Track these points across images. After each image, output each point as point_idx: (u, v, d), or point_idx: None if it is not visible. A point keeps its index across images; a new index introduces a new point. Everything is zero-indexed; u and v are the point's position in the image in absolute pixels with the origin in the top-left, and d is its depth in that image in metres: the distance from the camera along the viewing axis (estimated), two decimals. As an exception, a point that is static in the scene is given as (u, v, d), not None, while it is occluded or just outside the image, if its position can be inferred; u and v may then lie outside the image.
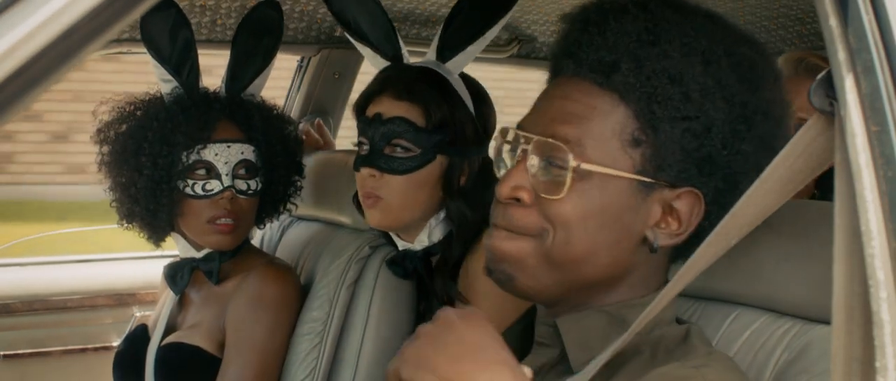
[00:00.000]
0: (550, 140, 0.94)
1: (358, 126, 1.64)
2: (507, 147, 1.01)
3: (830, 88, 0.79)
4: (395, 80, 1.61)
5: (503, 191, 0.97)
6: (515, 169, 0.98)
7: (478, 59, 2.41)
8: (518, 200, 0.97)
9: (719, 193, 0.95)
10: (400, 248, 1.68)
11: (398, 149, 1.58)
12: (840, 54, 0.78)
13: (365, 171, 1.59)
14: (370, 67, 1.79)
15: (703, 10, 0.98)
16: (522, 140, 0.98)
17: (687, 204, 0.95)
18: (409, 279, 1.71)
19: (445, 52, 1.66)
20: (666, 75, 0.92)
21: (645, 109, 0.93)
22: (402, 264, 1.68)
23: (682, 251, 1.01)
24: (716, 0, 1.81)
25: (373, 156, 1.59)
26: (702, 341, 0.98)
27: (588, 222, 0.94)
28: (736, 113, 0.93)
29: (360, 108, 1.64)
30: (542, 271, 0.97)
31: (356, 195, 1.69)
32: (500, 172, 1.02)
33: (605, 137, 0.94)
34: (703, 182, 0.95)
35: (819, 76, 0.82)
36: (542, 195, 0.95)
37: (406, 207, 1.59)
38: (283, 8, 1.89)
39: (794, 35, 1.96)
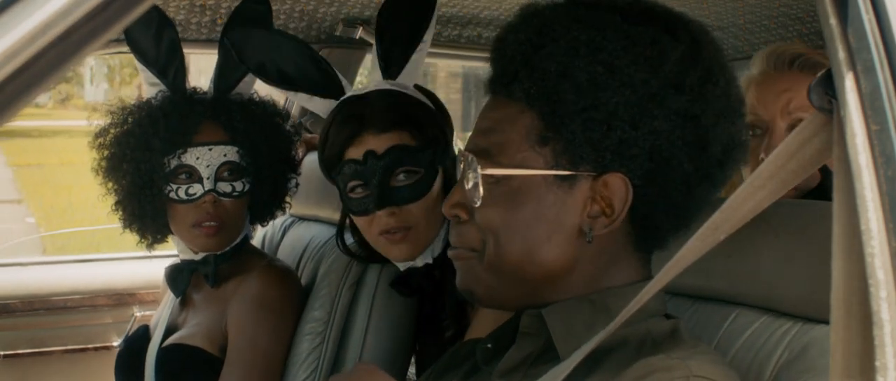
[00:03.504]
0: (467, 154, 1.01)
1: (344, 173, 1.56)
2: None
3: (830, 87, 0.79)
4: (369, 116, 1.55)
5: (444, 209, 1.05)
6: (455, 187, 1.04)
7: (481, 60, 2.41)
8: (459, 217, 1.03)
9: (650, 172, 0.96)
10: (402, 268, 1.65)
11: (400, 176, 1.54)
12: (840, 54, 0.78)
13: (383, 212, 1.54)
14: (370, 63, 1.77)
15: (596, 1, 1.00)
16: (460, 159, 1.05)
17: (613, 190, 0.96)
18: (413, 297, 1.68)
19: (391, 69, 1.62)
20: (555, 74, 0.95)
21: (546, 109, 0.96)
22: (406, 283, 1.65)
23: (649, 239, 1.01)
24: (716, 0, 1.81)
25: (383, 194, 1.53)
26: (689, 335, 0.99)
27: (513, 224, 0.99)
28: (639, 93, 0.94)
29: (336, 156, 1.57)
30: (494, 281, 1.01)
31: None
32: None
33: (515, 142, 0.98)
34: (626, 165, 0.95)
35: (818, 75, 0.82)
36: (474, 206, 1.01)
37: (431, 228, 1.57)
38: (283, 7, 1.89)
39: (794, 34, 1.96)
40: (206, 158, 1.70)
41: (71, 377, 2.31)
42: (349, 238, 1.74)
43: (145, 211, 1.71)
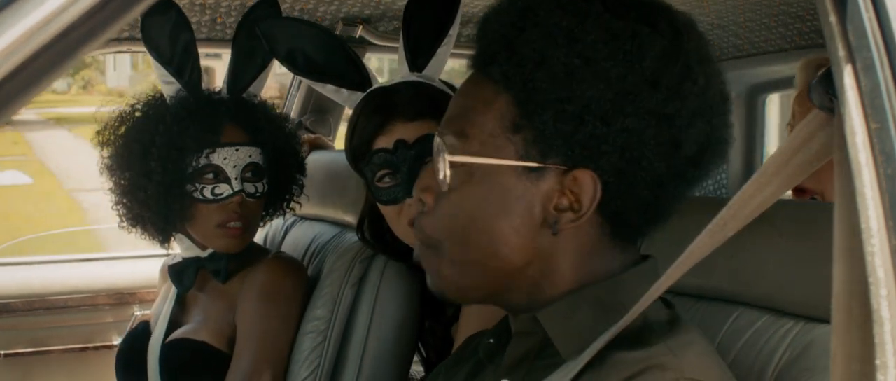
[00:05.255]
0: (437, 137, 0.98)
1: (373, 162, 1.55)
2: None
3: (830, 86, 0.79)
4: (398, 106, 1.55)
5: (415, 192, 1.02)
6: (427, 169, 1.01)
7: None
8: (424, 202, 1.00)
9: (620, 170, 0.93)
10: None
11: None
12: (840, 52, 0.78)
13: (413, 201, 1.53)
14: (372, 63, 1.77)
15: None
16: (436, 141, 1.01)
17: (582, 186, 0.93)
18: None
19: (418, 62, 1.61)
20: (532, 60, 0.92)
21: (521, 95, 0.93)
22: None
23: (623, 232, 0.98)
24: (716, -2, 1.81)
25: (414, 182, 1.50)
26: (686, 326, 0.97)
27: (478, 213, 0.95)
28: (615, 89, 0.91)
29: (365, 146, 1.56)
30: (460, 278, 0.98)
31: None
32: None
33: (488, 126, 0.95)
34: (596, 161, 0.93)
35: (819, 73, 0.82)
36: (442, 191, 0.97)
37: None
38: (283, 6, 1.89)
39: (794, 32, 1.96)
40: (233, 159, 1.72)
41: (71, 377, 2.31)
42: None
43: (172, 209, 1.72)
